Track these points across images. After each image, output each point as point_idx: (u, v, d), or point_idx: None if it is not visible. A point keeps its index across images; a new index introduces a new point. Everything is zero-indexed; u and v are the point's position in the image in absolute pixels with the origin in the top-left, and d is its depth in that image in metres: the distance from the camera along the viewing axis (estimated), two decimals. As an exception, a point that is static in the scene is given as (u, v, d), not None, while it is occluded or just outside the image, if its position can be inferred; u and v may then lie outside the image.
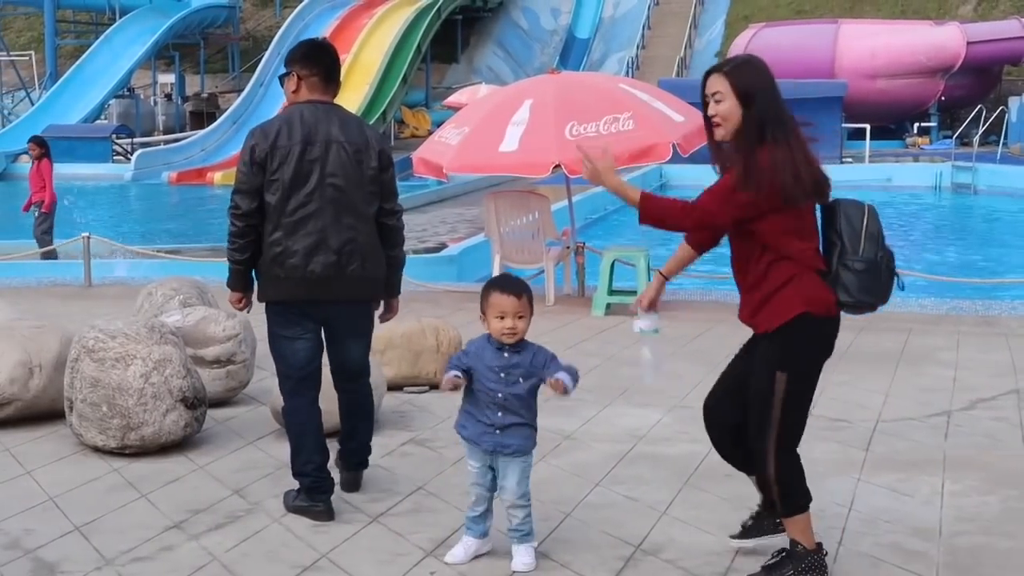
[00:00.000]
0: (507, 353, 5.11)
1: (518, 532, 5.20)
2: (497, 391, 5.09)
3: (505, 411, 5.11)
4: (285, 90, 6.16)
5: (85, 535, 5.66)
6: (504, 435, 5.12)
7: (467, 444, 5.24)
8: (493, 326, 5.10)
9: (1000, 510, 5.93)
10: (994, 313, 11.54)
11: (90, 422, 6.94)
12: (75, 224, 17.99)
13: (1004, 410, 7.87)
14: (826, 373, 8.73)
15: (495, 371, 5.09)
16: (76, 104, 40.95)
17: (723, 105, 4.95)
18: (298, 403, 6.03)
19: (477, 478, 5.22)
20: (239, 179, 5.86)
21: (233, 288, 6.08)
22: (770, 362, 4.96)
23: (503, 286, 5.16)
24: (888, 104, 35.62)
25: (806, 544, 4.97)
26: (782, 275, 4.92)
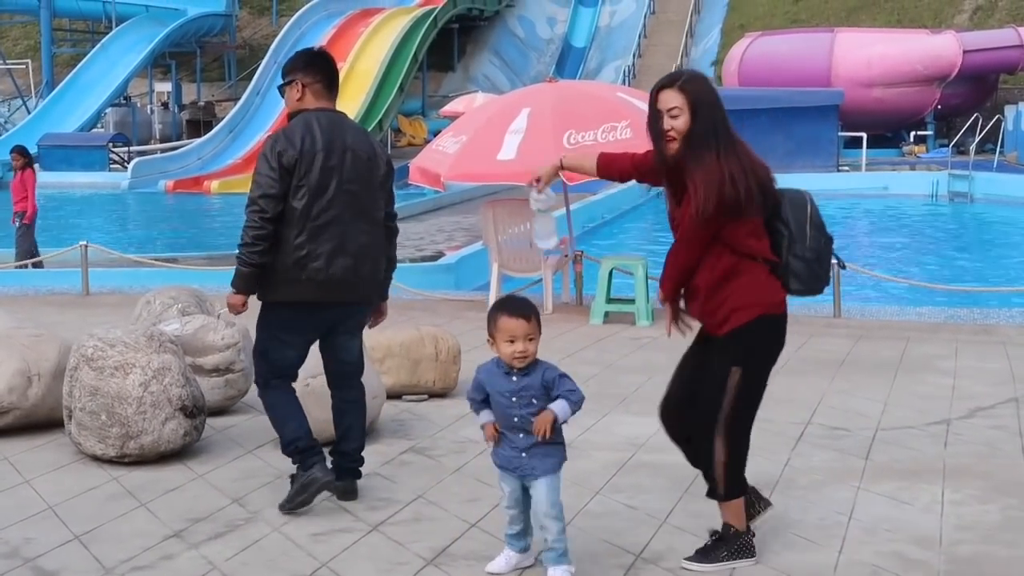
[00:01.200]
0: (515, 377, 4.98)
1: (553, 551, 5.02)
2: (512, 415, 4.98)
3: (526, 433, 4.97)
4: (288, 99, 6.24)
5: (85, 544, 5.65)
6: (530, 457, 4.98)
7: (499, 470, 5.11)
8: (503, 351, 4.97)
9: (1000, 519, 5.92)
10: (992, 322, 11.54)
11: (89, 431, 6.94)
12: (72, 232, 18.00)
13: (1003, 419, 7.87)
14: (825, 381, 8.84)
15: (506, 396, 4.98)
16: (73, 112, 40.98)
17: (680, 120, 5.11)
18: (280, 393, 6.25)
19: (510, 502, 5.10)
20: (266, 183, 5.95)
21: (242, 291, 6.08)
22: (726, 359, 5.21)
23: (511, 309, 5.00)
24: (884, 113, 35.66)
25: (739, 527, 5.27)
26: (741, 277, 5.15)
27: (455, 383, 8.63)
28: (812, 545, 5.55)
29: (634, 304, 11.75)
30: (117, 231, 23.46)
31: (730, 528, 5.28)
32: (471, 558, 5.42)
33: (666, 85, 5.17)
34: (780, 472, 6.69)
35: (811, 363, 9.61)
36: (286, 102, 6.28)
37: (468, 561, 5.39)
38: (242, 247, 6.00)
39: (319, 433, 7.00)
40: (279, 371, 6.20)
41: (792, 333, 5.39)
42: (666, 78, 5.25)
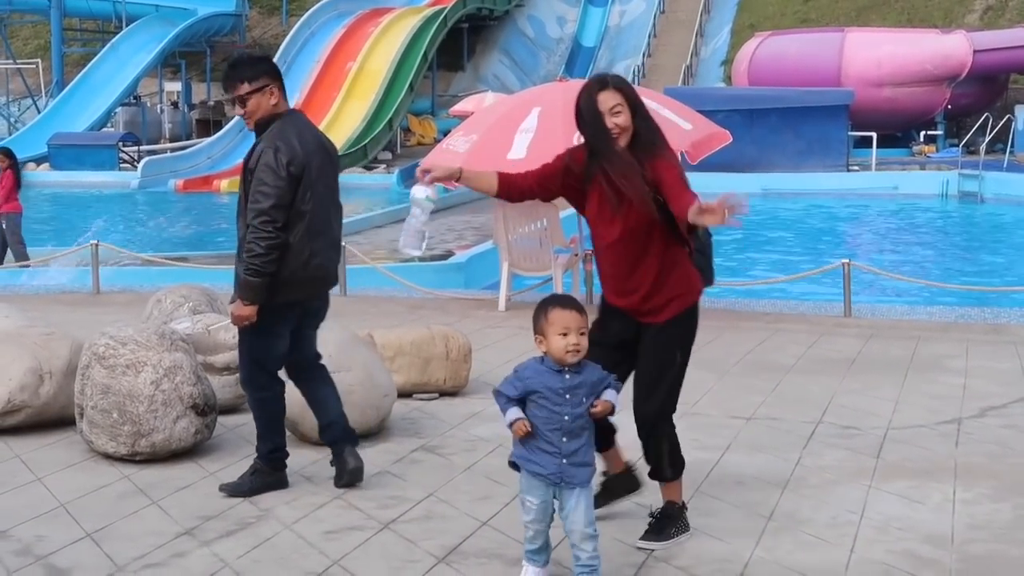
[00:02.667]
0: (568, 374, 4.85)
1: (587, 568, 4.86)
2: (563, 413, 4.81)
3: (570, 436, 4.83)
4: (260, 105, 6.25)
5: (96, 542, 5.66)
6: (570, 463, 4.83)
7: (527, 478, 4.90)
8: (556, 344, 4.82)
9: (1012, 518, 5.91)
10: (1003, 321, 11.52)
11: (101, 429, 6.95)
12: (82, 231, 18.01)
13: (1014, 418, 7.86)
14: (836, 380, 8.84)
15: (559, 393, 4.82)
16: (82, 112, 41.05)
17: (623, 116, 5.33)
18: (276, 391, 6.47)
19: (537, 515, 4.89)
20: (276, 194, 6.04)
21: (254, 302, 6.10)
22: (672, 345, 5.49)
23: (563, 303, 4.92)
24: (894, 112, 35.59)
25: (679, 501, 5.57)
26: (680, 267, 5.45)
27: (465, 381, 8.63)
28: (824, 544, 5.55)
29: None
30: (127, 230, 23.46)
31: (675, 504, 5.55)
32: (482, 556, 5.43)
33: (601, 87, 5.36)
34: (792, 471, 6.69)
35: (822, 362, 9.60)
36: (254, 109, 6.23)
37: (480, 559, 5.39)
38: (254, 258, 6.03)
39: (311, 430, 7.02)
40: (276, 362, 6.42)
41: (802, 332, 5.42)
42: (595, 83, 5.42)
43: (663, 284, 5.40)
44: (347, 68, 39.56)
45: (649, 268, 5.38)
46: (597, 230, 5.47)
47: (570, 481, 4.84)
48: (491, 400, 8.35)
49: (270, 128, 6.20)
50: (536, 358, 4.94)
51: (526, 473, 4.90)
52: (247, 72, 6.24)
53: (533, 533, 4.96)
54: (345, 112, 37.60)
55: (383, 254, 18.09)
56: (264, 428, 6.46)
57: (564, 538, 5.04)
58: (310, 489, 6.47)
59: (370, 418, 7.40)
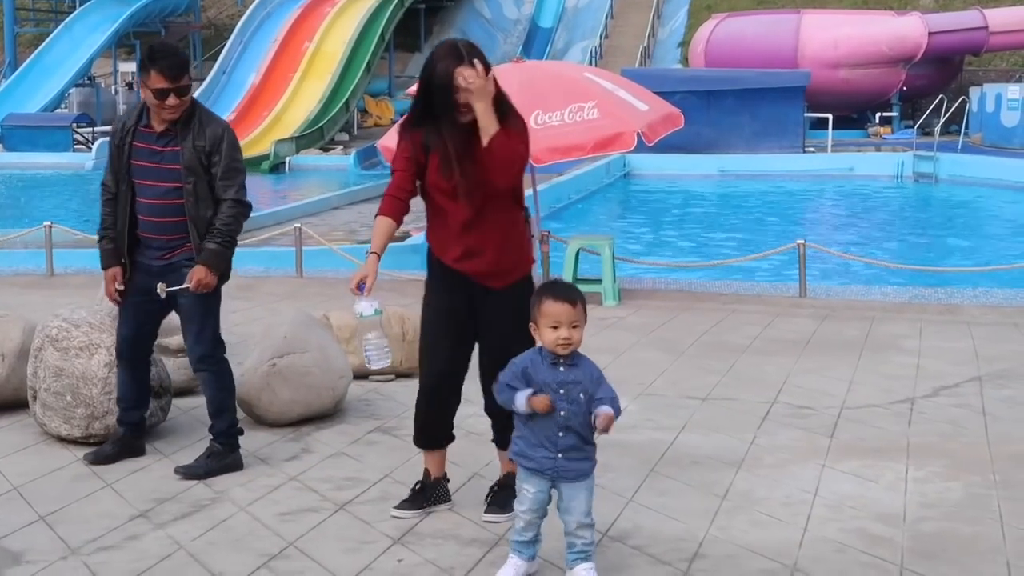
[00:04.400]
0: (563, 368, 4.77)
1: (582, 554, 4.84)
2: (559, 409, 4.74)
3: (567, 431, 4.76)
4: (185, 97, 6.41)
5: (50, 524, 5.63)
6: (566, 458, 4.78)
7: (526, 470, 4.87)
8: (546, 337, 4.76)
9: (963, 496, 5.97)
10: (956, 301, 11.61)
11: (54, 411, 6.90)
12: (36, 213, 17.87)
13: (967, 397, 7.93)
14: (790, 361, 8.89)
15: (553, 388, 4.74)
16: (36, 93, 40.59)
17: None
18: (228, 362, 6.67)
19: (532, 504, 4.84)
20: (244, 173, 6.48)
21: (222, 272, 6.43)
22: (520, 307, 5.25)
23: (556, 293, 4.82)
24: (850, 94, 35.74)
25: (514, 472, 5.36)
26: (521, 228, 5.56)
27: (422, 363, 8.61)
28: (778, 522, 5.58)
29: (601, 284, 11.77)
30: (82, 212, 23.27)
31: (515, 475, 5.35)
32: (438, 537, 5.43)
33: (460, 61, 5.30)
34: (746, 450, 6.72)
35: (777, 343, 9.65)
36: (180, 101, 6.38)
37: (435, 540, 5.40)
38: (233, 230, 6.41)
39: (283, 414, 7.06)
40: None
41: (758, 313, 5.41)
42: (451, 57, 5.32)
43: (510, 245, 5.51)
44: (304, 48, 39.33)
45: (499, 228, 5.46)
46: (436, 198, 5.49)
47: (565, 476, 4.80)
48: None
49: (197, 111, 6.46)
50: (533, 349, 4.89)
51: (521, 466, 4.87)
52: (185, 65, 6.46)
53: (525, 524, 4.89)
54: (302, 93, 37.39)
55: (340, 235, 18.03)
56: (223, 403, 6.53)
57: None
58: (265, 471, 6.45)
59: (326, 400, 7.39)
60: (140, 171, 6.39)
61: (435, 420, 5.71)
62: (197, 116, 6.43)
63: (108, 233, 6.49)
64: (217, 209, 6.38)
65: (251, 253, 14.63)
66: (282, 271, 13.63)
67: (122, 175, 6.42)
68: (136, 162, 6.39)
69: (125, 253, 6.46)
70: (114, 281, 6.48)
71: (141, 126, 6.43)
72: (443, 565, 5.11)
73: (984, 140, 32.26)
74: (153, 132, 6.39)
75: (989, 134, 32.15)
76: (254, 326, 9.80)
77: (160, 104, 6.30)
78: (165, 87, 6.28)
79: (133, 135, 6.41)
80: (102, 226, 6.52)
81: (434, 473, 5.80)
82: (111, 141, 6.51)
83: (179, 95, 6.31)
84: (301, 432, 7.19)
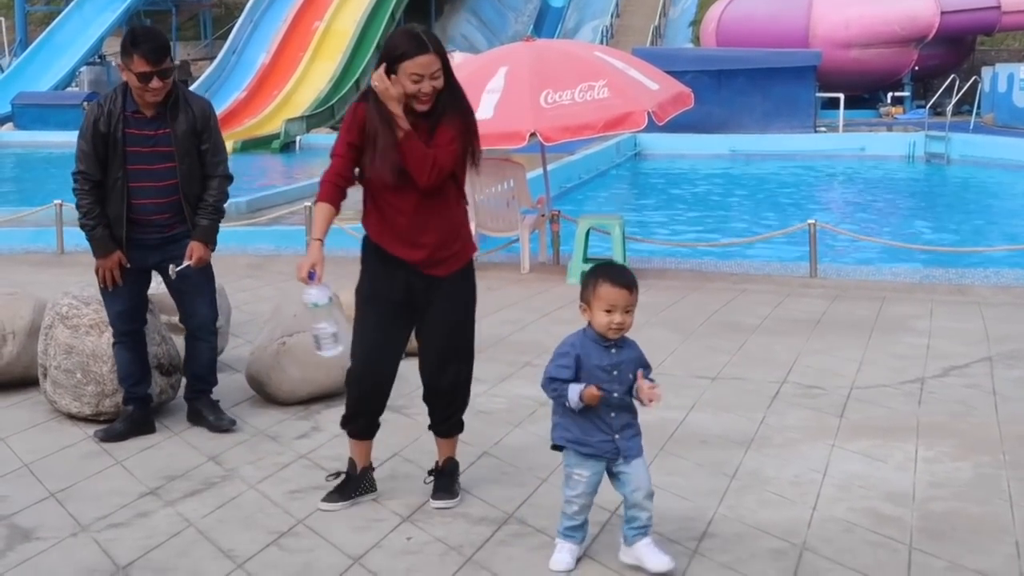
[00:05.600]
0: (613, 350, 4.75)
1: (643, 529, 4.81)
2: (612, 391, 4.71)
3: (619, 411, 4.74)
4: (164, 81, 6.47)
5: (60, 501, 5.64)
6: (622, 439, 4.75)
7: (579, 455, 4.79)
8: (599, 320, 4.71)
9: (972, 476, 5.97)
10: (967, 282, 11.58)
11: (64, 389, 6.92)
12: (47, 191, 17.89)
13: (977, 377, 7.91)
14: (801, 340, 8.88)
15: (606, 370, 4.71)
16: (47, 71, 40.61)
17: (440, 80, 5.25)
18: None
19: (586, 488, 4.80)
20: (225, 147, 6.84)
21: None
22: (467, 295, 5.54)
23: (614, 278, 4.76)
24: (862, 74, 35.61)
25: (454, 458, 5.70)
26: (463, 217, 5.53)
27: (432, 342, 8.62)
28: (787, 502, 5.58)
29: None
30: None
31: (452, 461, 5.70)
32: (447, 515, 5.45)
33: (420, 50, 5.18)
34: (756, 430, 6.72)
35: (787, 323, 9.64)
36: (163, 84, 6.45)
37: (444, 518, 5.41)
38: (223, 206, 6.71)
39: (293, 392, 7.07)
40: None
41: (768, 293, 5.38)
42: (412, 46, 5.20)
43: (455, 233, 5.45)
44: (314, 28, 39.29)
45: (445, 220, 5.40)
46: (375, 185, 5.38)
47: (626, 455, 4.77)
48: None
49: (180, 93, 6.58)
50: (579, 331, 4.84)
51: (577, 452, 4.79)
52: (167, 48, 6.48)
53: (578, 508, 4.83)
54: (312, 72, 37.38)
55: (350, 215, 18.01)
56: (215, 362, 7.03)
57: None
58: (275, 449, 6.47)
59: (336, 378, 7.37)
60: (136, 157, 6.47)
61: (367, 410, 5.61)
62: (181, 95, 6.55)
63: (100, 221, 6.54)
64: (206, 184, 6.62)
65: (261, 232, 14.66)
66: (292, 250, 13.63)
67: (116, 163, 6.46)
68: (132, 148, 6.46)
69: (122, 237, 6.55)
70: (117, 265, 6.55)
71: (130, 112, 6.46)
72: (452, 543, 5.12)
73: (996, 120, 32.13)
74: (144, 117, 6.48)
75: (1001, 114, 32.01)
76: (264, 305, 9.81)
77: (143, 87, 6.35)
78: (148, 70, 6.32)
79: (124, 122, 6.44)
80: (88, 215, 6.56)
81: (361, 463, 5.67)
82: (90, 129, 6.46)
83: (162, 77, 6.38)
84: (311, 410, 7.20)
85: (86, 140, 6.48)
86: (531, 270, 12.34)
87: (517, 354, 8.62)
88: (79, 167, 6.52)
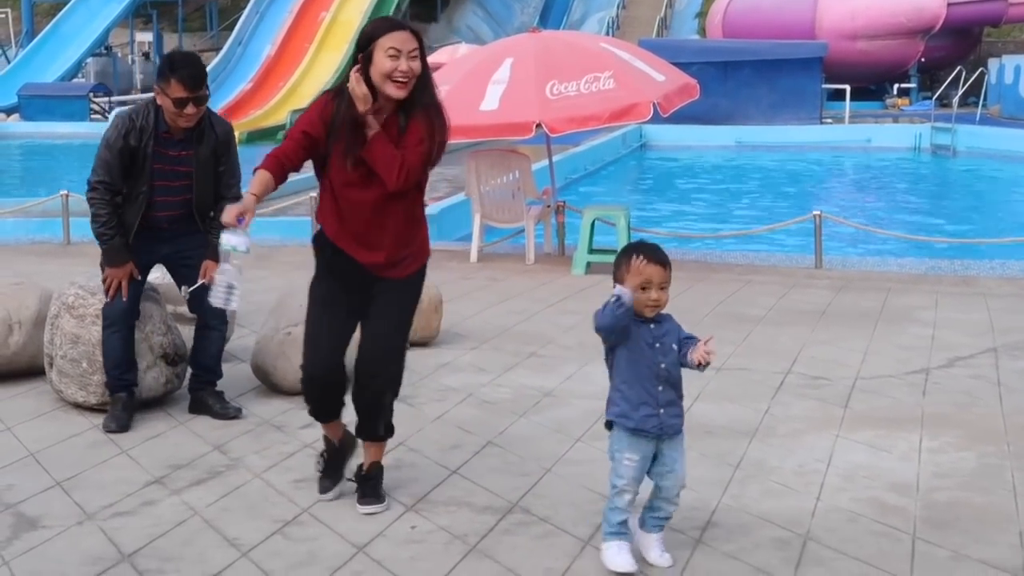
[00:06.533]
0: (652, 325, 4.70)
1: (664, 520, 4.81)
2: (659, 362, 4.66)
3: (666, 384, 4.68)
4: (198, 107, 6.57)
5: (66, 490, 5.66)
6: (667, 413, 4.68)
7: (628, 436, 4.69)
8: (635, 297, 4.63)
9: (977, 466, 5.97)
10: (972, 273, 11.58)
11: (70, 378, 6.94)
12: (53, 182, 17.91)
13: (982, 368, 7.91)
14: (806, 331, 8.88)
15: (650, 344, 4.67)
16: (53, 62, 40.68)
17: (417, 62, 5.08)
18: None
19: (635, 473, 4.69)
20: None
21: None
22: (411, 299, 5.38)
23: (649, 254, 4.68)
24: (868, 65, 35.62)
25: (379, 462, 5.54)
26: (420, 223, 5.38)
27: (436, 332, 8.65)
28: (790, 492, 5.59)
29: (616, 255, 11.74)
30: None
31: (378, 465, 5.52)
32: (451, 504, 5.45)
33: (396, 27, 5.09)
34: (760, 420, 6.73)
35: (792, 313, 9.64)
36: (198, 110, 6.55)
37: (448, 507, 5.42)
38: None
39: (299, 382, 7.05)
40: None
41: (773, 284, 5.37)
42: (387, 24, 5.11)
43: (411, 235, 5.30)
44: (320, 19, 39.32)
45: (404, 222, 5.25)
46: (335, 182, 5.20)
47: (669, 431, 4.72)
48: (461, 350, 8.43)
49: (207, 117, 6.69)
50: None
51: (626, 431, 4.72)
52: (204, 75, 6.59)
53: (628, 500, 4.71)
54: (318, 63, 37.41)
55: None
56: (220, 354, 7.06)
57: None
58: (280, 438, 6.48)
59: (341, 368, 7.41)
60: (160, 174, 6.61)
61: (327, 409, 5.53)
62: (207, 119, 6.67)
63: (118, 231, 6.62)
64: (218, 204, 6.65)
65: (267, 223, 14.67)
66: (297, 240, 13.64)
67: (141, 178, 6.56)
68: (158, 166, 6.58)
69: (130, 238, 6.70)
70: (128, 276, 6.66)
71: (162, 132, 6.56)
72: (457, 532, 5.13)
73: (1002, 112, 32.13)
74: (173, 138, 6.60)
75: (1008, 106, 32.01)
76: (269, 295, 9.81)
77: (178, 112, 6.44)
78: (184, 96, 6.40)
79: (155, 140, 6.54)
80: (107, 225, 6.61)
81: (336, 436, 5.63)
82: (120, 141, 6.52)
83: (197, 104, 6.49)
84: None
85: (112, 151, 6.54)
86: (536, 261, 12.35)
87: (522, 344, 8.63)
88: (100, 176, 6.57)
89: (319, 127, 5.14)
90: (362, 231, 5.22)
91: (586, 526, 5.17)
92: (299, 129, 5.16)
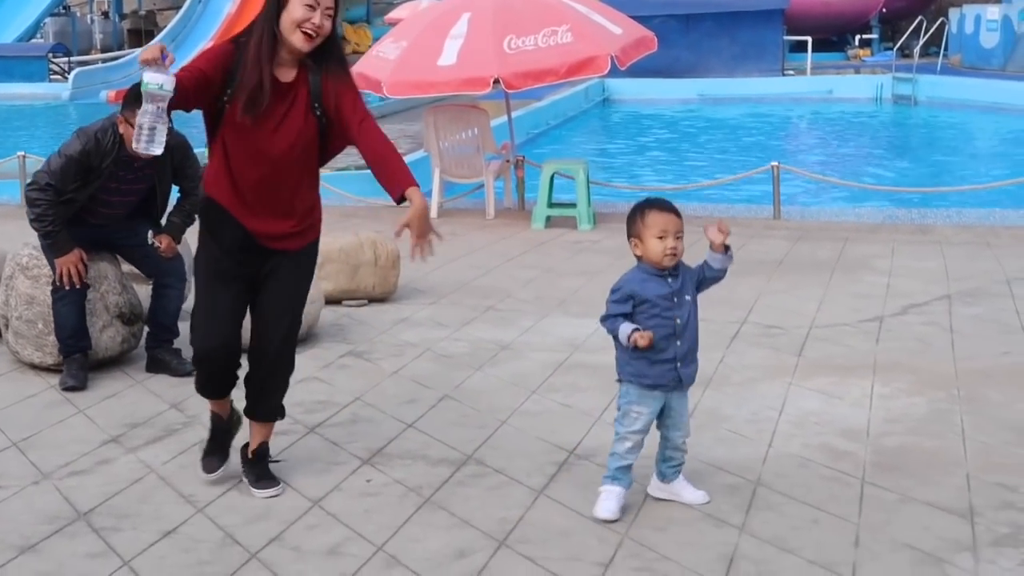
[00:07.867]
0: (670, 279, 4.74)
1: (680, 465, 4.92)
2: (675, 316, 4.71)
3: (683, 339, 4.73)
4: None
5: (22, 450, 5.66)
6: (684, 367, 4.76)
7: (640, 390, 4.76)
8: (653, 248, 4.68)
9: (927, 411, 6.04)
10: (929, 222, 11.67)
11: (26, 339, 6.93)
12: (11, 143, 17.76)
13: (935, 315, 7.99)
14: (762, 281, 8.94)
15: (667, 299, 4.71)
16: (11, 22, 40.19)
17: (330, 22, 4.82)
18: None
19: (644, 425, 4.79)
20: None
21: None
22: (308, 272, 5.13)
23: (660, 205, 4.76)
24: (830, 17, 35.60)
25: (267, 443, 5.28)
26: (316, 193, 5.12)
27: (394, 288, 8.66)
28: (742, 439, 5.65)
29: (575, 208, 11.78)
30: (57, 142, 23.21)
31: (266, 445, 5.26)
32: (407, 457, 5.49)
33: None
34: (715, 369, 6.78)
35: (749, 264, 9.69)
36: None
37: (404, 460, 5.45)
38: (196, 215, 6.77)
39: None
40: None
41: (732, 235, 5.35)
42: None
43: (312, 205, 5.06)
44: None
45: (309, 187, 5.03)
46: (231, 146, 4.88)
47: (687, 381, 4.81)
48: (420, 305, 8.43)
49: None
50: (632, 269, 4.82)
51: (639, 386, 4.77)
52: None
53: (632, 444, 4.80)
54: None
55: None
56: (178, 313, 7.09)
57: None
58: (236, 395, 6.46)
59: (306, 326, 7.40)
60: (112, 190, 6.74)
61: (219, 387, 5.22)
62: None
63: (60, 225, 6.66)
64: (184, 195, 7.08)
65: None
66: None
67: (88, 189, 6.66)
68: (113, 184, 6.71)
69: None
70: (80, 260, 6.70)
71: (123, 156, 6.61)
72: (411, 484, 5.16)
73: (963, 62, 32.20)
74: (132, 161, 6.65)
75: (968, 55, 32.08)
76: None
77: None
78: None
79: (115, 163, 6.61)
80: (52, 224, 6.63)
81: (224, 412, 5.35)
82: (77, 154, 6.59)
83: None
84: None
85: (67, 161, 6.59)
86: (496, 216, 12.36)
87: (480, 298, 8.66)
88: (49, 180, 6.61)
89: (220, 73, 4.75)
90: (258, 200, 4.90)
91: (540, 476, 5.22)
92: (196, 68, 4.72)
